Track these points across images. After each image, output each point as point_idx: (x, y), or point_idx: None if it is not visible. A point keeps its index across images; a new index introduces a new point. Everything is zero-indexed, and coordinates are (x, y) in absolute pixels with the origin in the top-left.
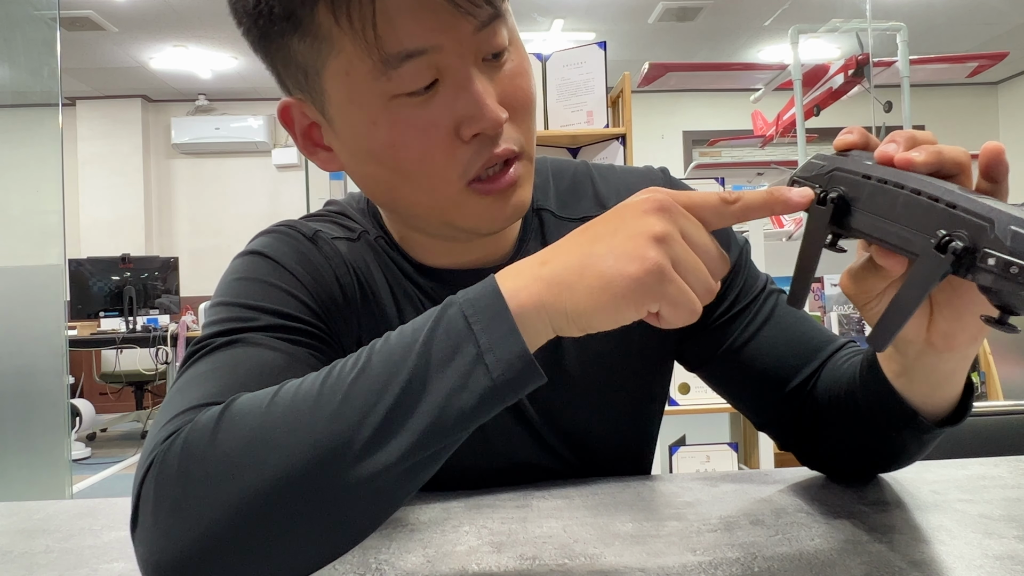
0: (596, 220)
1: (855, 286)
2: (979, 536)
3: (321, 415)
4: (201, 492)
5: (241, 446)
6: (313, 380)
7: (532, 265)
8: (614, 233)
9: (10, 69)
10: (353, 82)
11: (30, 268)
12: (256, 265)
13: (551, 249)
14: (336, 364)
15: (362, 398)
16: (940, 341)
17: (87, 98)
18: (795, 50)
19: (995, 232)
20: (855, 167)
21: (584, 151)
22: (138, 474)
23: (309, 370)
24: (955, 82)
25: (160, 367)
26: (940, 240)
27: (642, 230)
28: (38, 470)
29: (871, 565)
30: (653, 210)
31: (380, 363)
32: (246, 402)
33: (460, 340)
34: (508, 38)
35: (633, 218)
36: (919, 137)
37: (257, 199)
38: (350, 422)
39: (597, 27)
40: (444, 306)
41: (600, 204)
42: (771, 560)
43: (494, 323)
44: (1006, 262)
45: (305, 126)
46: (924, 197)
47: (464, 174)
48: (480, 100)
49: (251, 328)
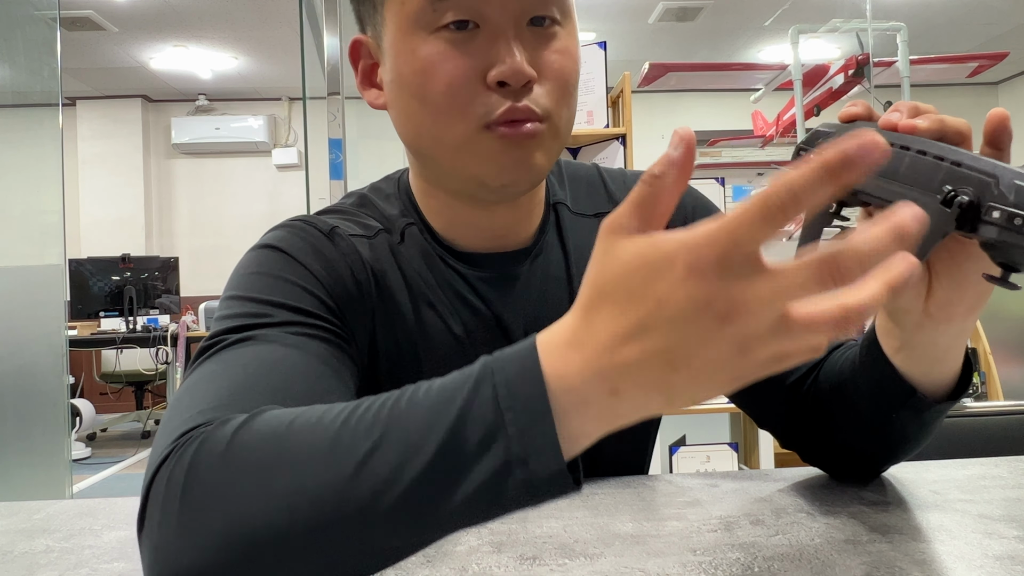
0: (640, 316)
1: None
2: (979, 536)
3: (334, 475)
4: (204, 509)
5: (247, 474)
6: (331, 423)
7: (596, 391)
8: (676, 341)
9: (10, 69)
10: (405, 10)
11: (30, 268)
12: (271, 259)
13: (605, 358)
14: (359, 407)
15: (379, 468)
16: (938, 311)
17: (87, 98)
18: (795, 50)
19: (1000, 186)
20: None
21: (584, 151)
22: (149, 470)
23: (324, 368)
24: (955, 82)
25: (160, 367)
26: (946, 195)
27: (701, 319)
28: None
29: (871, 565)
30: (688, 278)
31: (400, 437)
32: (263, 426)
33: (491, 437)
34: (560, 16)
35: (685, 305)
36: (921, 107)
37: (257, 199)
38: (361, 496)
39: (597, 27)
40: (476, 383)
41: (612, 201)
42: (771, 560)
43: (532, 433)
44: (1010, 214)
45: (368, 65)
46: (930, 157)
47: (484, 116)
48: (510, 50)
49: (266, 324)
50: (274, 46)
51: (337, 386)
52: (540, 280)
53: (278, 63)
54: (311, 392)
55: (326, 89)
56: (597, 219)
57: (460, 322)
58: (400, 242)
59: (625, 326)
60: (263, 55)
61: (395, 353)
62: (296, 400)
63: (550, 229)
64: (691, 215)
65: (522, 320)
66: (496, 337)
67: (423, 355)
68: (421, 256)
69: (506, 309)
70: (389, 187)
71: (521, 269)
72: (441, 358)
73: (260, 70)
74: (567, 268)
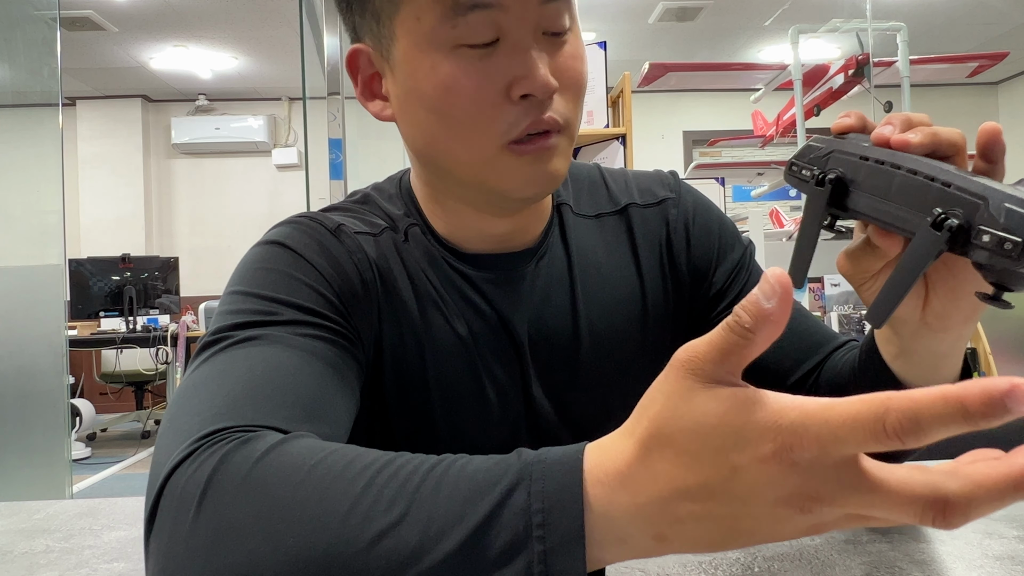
0: (709, 478)
1: (852, 266)
2: (979, 536)
3: (348, 545)
4: (211, 536)
5: (261, 516)
6: (354, 481)
7: (640, 534)
8: (743, 515)
9: (10, 69)
10: (421, 27)
11: (30, 268)
12: (278, 256)
13: (659, 507)
14: (386, 469)
15: (396, 549)
16: (935, 321)
17: (87, 98)
18: (795, 50)
19: (989, 209)
20: (852, 149)
21: (584, 151)
22: (161, 469)
23: (331, 371)
24: (955, 82)
25: (160, 367)
26: (936, 218)
27: (777, 506)
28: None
29: (871, 565)
30: (774, 461)
31: (422, 520)
32: (287, 461)
33: (516, 548)
34: (570, 26)
35: (764, 489)
36: (914, 119)
37: (257, 199)
38: (371, 574)
39: (597, 27)
40: (512, 486)
41: (614, 202)
42: (771, 560)
43: (559, 555)
44: (1000, 238)
45: (368, 75)
46: (920, 177)
47: (507, 133)
48: (534, 63)
49: (272, 323)
50: (274, 46)
51: (343, 389)
52: (544, 282)
53: (278, 63)
54: (317, 396)
55: (326, 89)
56: (598, 220)
57: (464, 323)
58: (404, 241)
59: (690, 483)
60: (263, 55)
61: (400, 352)
62: (303, 403)
63: (554, 230)
64: (692, 215)
65: (526, 321)
66: (500, 338)
67: (428, 354)
68: (425, 256)
69: (510, 310)
70: (391, 187)
71: (525, 270)
72: (446, 358)
73: (260, 70)
74: (570, 270)
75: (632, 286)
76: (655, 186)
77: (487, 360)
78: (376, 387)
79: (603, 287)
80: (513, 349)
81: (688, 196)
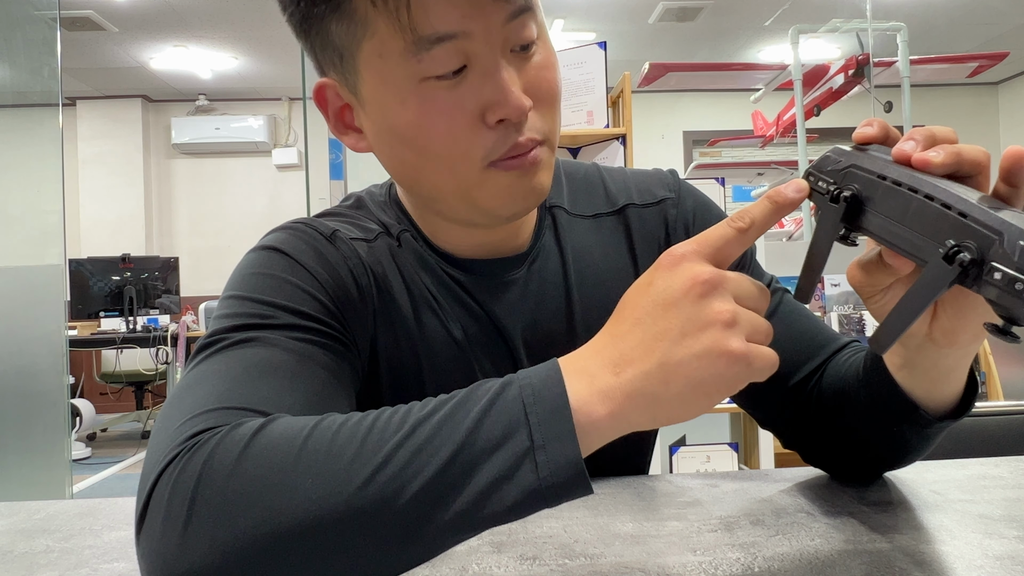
0: (648, 310)
1: (863, 278)
2: (979, 536)
3: (355, 475)
4: (216, 515)
5: (265, 480)
6: (354, 429)
7: (602, 369)
8: (683, 330)
9: (10, 69)
10: (385, 63)
11: (30, 268)
12: (274, 261)
13: (614, 345)
14: (381, 416)
15: (402, 466)
16: (942, 337)
17: (87, 98)
18: (795, 50)
19: (1004, 245)
20: (871, 165)
21: (584, 151)
22: (150, 470)
23: (326, 375)
24: (955, 82)
25: (160, 367)
26: (948, 250)
27: (710, 319)
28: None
29: (871, 565)
30: (707, 292)
31: (426, 432)
32: (280, 431)
33: (513, 427)
34: (536, 33)
35: (693, 306)
36: (938, 135)
37: (257, 199)
38: (384, 493)
39: (597, 27)
40: (503, 384)
41: (611, 203)
42: (771, 560)
43: (552, 420)
44: (1012, 277)
45: (338, 107)
46: (936, 203)
47: (487, 157)
48: (506, 87)
49: (268, 326)
50: (274, 46)
51: (338, 392)
52: (537, 284)
53: (278, 63)
54: (312, 399)
55: None
56: (595, 220)
57: (460, 326)
58: (398, 246)
59: (629, 316)
60: (263, 55)
61: (396, 356)
62: (297, 407)
63: (546, 232)
64: (692, 215)
65: (520, 324)
66: (495, 341)
67: (423, 359)
68: (418, 261)
69: (503, 314)
70: (382, 195)
71: (518, 274)
72: (441, 362)
73: (260, 70)
74: (564, 271)
75: (629, 286)
76: (654, 186)
77: (482, 362)
78: (372, 390)
79: (599, 288)
80: (508, 352)
81: (688, 196)
